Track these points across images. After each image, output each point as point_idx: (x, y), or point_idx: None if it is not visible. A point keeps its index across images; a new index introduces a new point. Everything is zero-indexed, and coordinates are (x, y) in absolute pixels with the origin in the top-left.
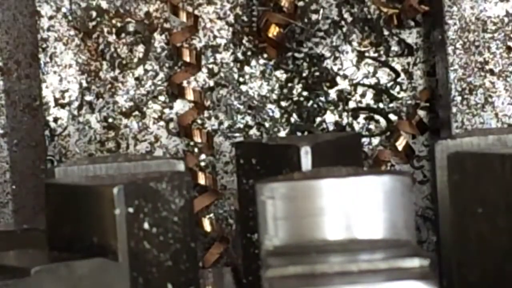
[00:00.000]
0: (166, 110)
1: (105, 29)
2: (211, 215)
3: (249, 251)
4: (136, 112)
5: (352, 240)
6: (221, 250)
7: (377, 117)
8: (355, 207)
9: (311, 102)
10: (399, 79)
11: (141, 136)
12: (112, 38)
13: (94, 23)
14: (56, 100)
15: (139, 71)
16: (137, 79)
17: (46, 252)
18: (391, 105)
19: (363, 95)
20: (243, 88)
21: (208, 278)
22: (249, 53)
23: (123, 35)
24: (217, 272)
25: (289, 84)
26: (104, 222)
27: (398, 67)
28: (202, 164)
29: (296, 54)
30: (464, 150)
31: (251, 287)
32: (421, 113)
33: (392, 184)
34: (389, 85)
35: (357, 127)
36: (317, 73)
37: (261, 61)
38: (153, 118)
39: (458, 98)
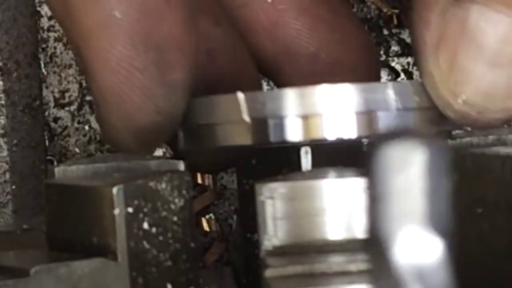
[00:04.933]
0: None
1: None
2: (211, 215)
3: (249, 251)
4: None
5: (351, 240)
6: (221, 250)
7: None
8: (354, 207)
9: None
10: (398, 79)
11: None
12: None
13: None
14: (56, 100)
15: None
16: None
17: (45, 252)
18: None
19: None
20: None
21: (208, 278)
22: None
23: None
24: (217, 272)
25: None
26: (104, 222)
27: (398, 67)
28: None
29: None
30: (463, 150)
31: (251, 287)
32: None
33: None
34: None
35: None
36: None
37: None
38: None
39: None
